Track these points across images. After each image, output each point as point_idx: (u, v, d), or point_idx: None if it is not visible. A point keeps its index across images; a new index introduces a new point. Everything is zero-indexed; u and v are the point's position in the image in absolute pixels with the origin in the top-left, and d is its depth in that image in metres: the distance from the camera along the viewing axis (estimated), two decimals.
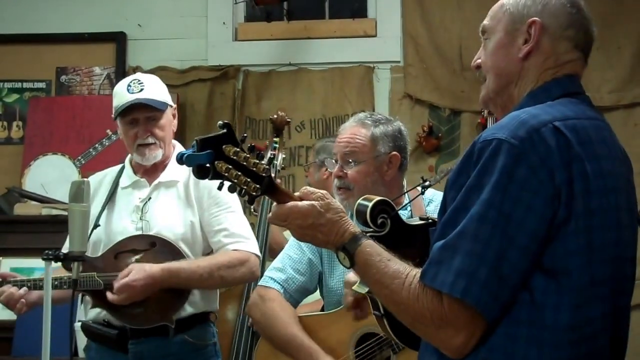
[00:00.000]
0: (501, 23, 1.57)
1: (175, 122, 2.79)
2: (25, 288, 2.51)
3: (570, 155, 1.38)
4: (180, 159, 1.47)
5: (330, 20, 4.75)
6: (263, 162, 1.51)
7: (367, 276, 1.51)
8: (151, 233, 2.63)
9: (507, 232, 1.34)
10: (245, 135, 1.52)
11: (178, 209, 2.65)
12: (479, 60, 1.62)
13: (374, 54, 4.60)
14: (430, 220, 1.77)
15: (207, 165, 1.47)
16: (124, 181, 2.76)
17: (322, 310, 2.58)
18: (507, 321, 1.37)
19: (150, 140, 2.67)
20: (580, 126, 1.43)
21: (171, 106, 2.75)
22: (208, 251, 2.69)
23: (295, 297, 2.43)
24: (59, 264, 2.34)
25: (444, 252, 1.37)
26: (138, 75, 2.78)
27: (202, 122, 4.55)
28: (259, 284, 2.44)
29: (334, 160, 2.45)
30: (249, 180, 1.50)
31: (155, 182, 2.70)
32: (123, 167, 2.80)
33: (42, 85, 4.68)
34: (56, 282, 2.44)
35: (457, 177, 1.42)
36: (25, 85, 4.68)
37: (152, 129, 2.67)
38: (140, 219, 2.65)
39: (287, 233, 3.39)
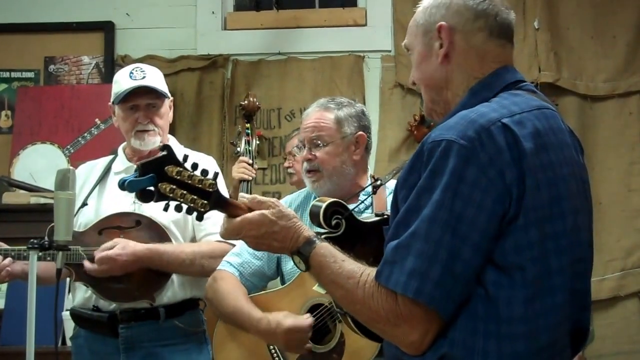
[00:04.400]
0: (417, 37, 1.62)
1: (171, 113, 2.80)
2: (10, 259, 2.52)
3: (520, 151, 1.39)
4: (122, 186, 1.47)
5: (320, 10, 4.74)
6: (209, 177, 1.52)
7: (322, 277, 1.54)
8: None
9: (459, 232, 1.36)
10: (187, 155, 1.53)
11: None
12: (413, 77, 1.66)
13: (364, 43, 4.58)
14: (385, 216, 1.78)
15: (151, 188, 1.47)
16: (117, 166, 2.77)
17: None
18: (465, 316, 1.40)
19: (150, 127, 2.69)
20: (527, 119, 1.44)
21: (169, 97, 2.77)
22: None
23: (252, 280, 2.45)
24: None
25: (397, 253, 1.40)
26: (140, 64, 2.80)
27: (191, 111, 4.53)
28: (216, 268, 2.47)
29: (302, 146, 2.47)
30: (195, 197, 1.50)
31: None
32: (115, 156, 2.81)
33: (30, 74, 4.66)
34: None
35: (408, 176, 1.45)
36: (13, 74, 4.66)
37: (152, 116, 2.69)
38: (134, 202, 2.64)
39: None
